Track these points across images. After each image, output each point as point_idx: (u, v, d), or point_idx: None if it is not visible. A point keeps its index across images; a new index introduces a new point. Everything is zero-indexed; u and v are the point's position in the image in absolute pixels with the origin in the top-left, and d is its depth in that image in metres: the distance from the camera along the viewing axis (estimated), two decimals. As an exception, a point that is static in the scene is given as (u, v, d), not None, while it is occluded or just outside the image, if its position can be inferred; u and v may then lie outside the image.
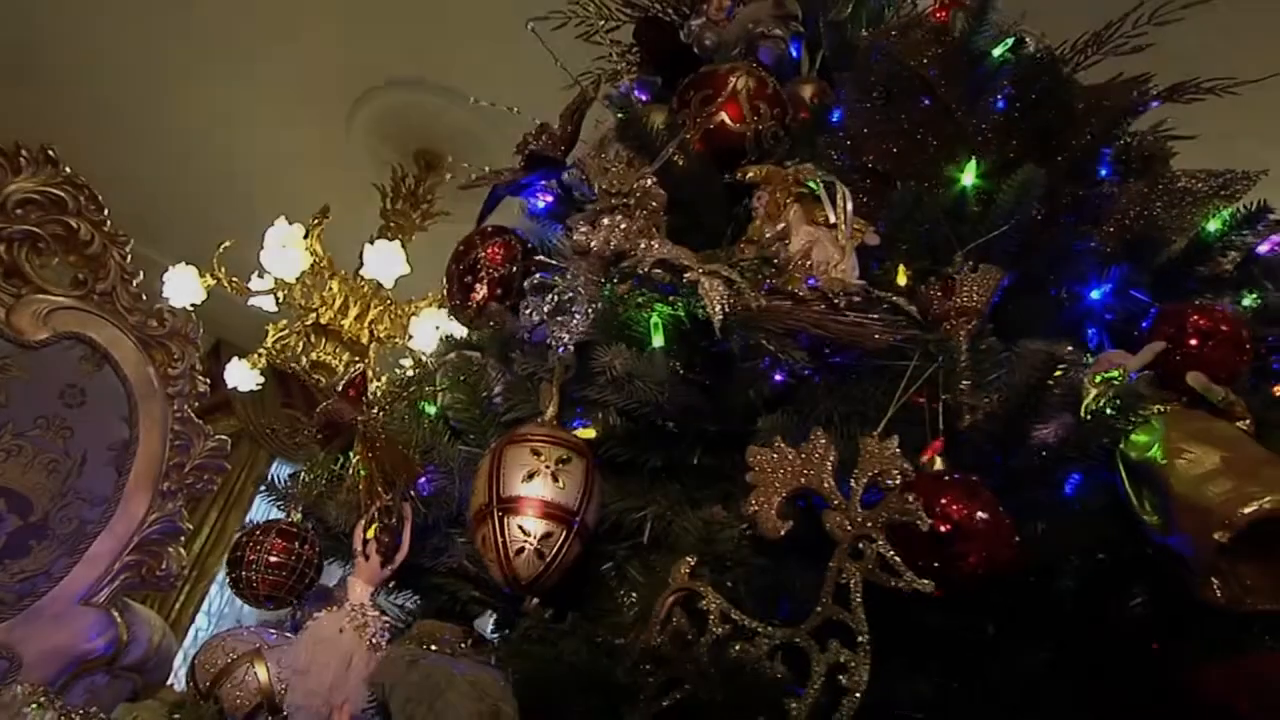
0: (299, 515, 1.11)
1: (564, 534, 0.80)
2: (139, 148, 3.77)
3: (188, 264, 3.16)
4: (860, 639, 0.59)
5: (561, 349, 0.85)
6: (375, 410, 1.08)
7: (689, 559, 0.72)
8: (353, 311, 3.29)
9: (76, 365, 1.61)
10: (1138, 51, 1.29)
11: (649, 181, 0.88)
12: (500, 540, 0.80)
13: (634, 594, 0.83)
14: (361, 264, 3.16)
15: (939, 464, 0.71)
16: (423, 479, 1.04)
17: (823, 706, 0.58)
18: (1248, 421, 0.78)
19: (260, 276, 3.17)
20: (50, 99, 3.52)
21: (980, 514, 0.62)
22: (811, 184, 0.93)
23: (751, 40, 1.33)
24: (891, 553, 0.61)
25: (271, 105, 3.52)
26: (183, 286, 3.08)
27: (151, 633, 1.61)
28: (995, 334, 0.90)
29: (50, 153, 1.62)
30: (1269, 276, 1.10)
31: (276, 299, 3.20)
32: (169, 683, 1.73)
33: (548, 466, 0.81)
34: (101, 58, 3.36)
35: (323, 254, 3.22)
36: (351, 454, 1.06)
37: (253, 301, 3.24)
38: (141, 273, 1.77)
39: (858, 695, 0.57)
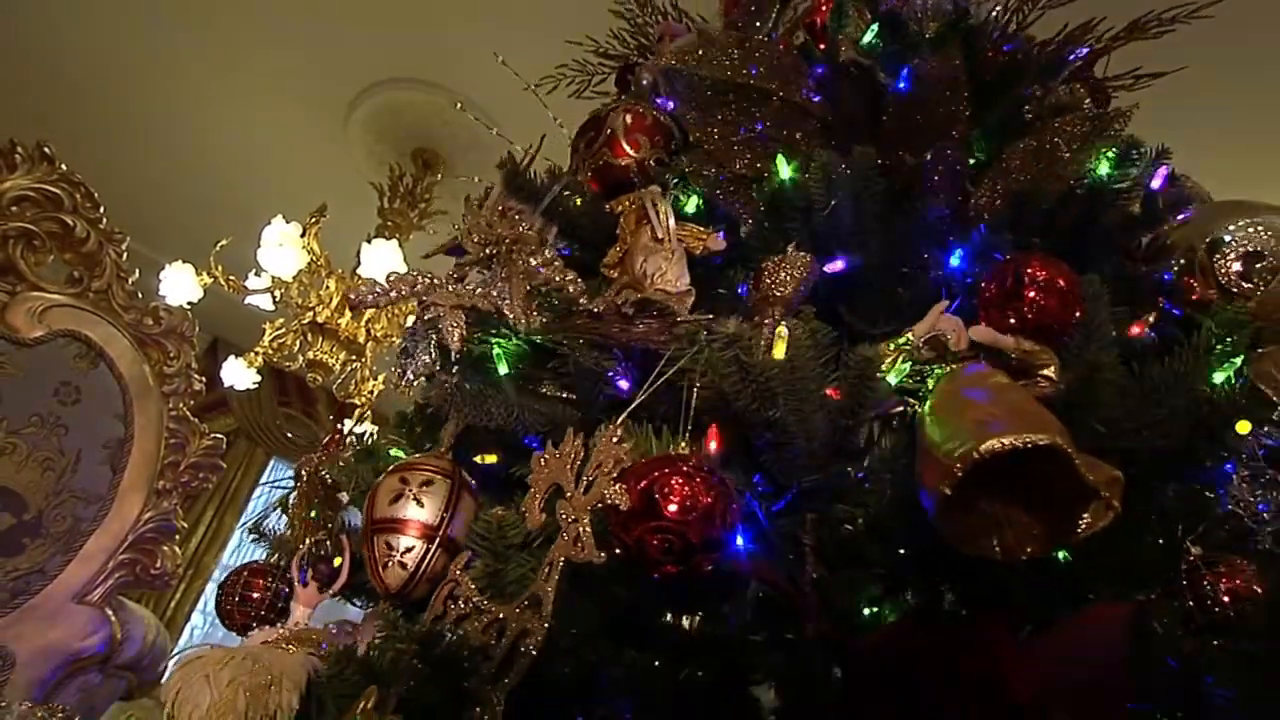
0: (275, 555, 1.25)
1: (426, 547, 0.92)
2: (135, 145, 3.76)
3: (184, 262, 3.15)
4: (546, 609, 0.67)
5: (410, 381, 0.97)
6: (320, 456, 1.21)
7: (464, 554, 0.82)
8: (349, 310, 3.29)
9: (71, 363, 1.61)
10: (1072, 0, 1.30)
11: (522, 228, 0.98)
12: (373, 556, 0.94)
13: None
14: (359, 263, 3.15)
15: (683, 448, 0.74)
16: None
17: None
18: (1051, 369, 0.77)
19: (257, 275, 3.16)
20: (46, 97, 3.51)
21: (701, 495, 0.65)
22: (648, 204, 1.01)
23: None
24: (587, 532, 0.67)
25: (269, 103, 3.52)
26: (179, 284, 3.08)
27: (146, 631, 1.60)
28: (854, 316, 0.95)
29: (46, 150, 1.62)
30: (1173, 211, 1.10)
31: (273, 297, 3.19)
32: (163, 682, 1.73)
33: (410, 490, 0.94)
34: (97, 55, 3.35)
35: (320, 253, 3.21)
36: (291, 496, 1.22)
37: (249, 300, 3.23)
38: (138, 270, 1.76)
39: (531, 654, 0.66)
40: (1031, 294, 0.82)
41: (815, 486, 0.78)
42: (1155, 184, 1.10)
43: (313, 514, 1.15)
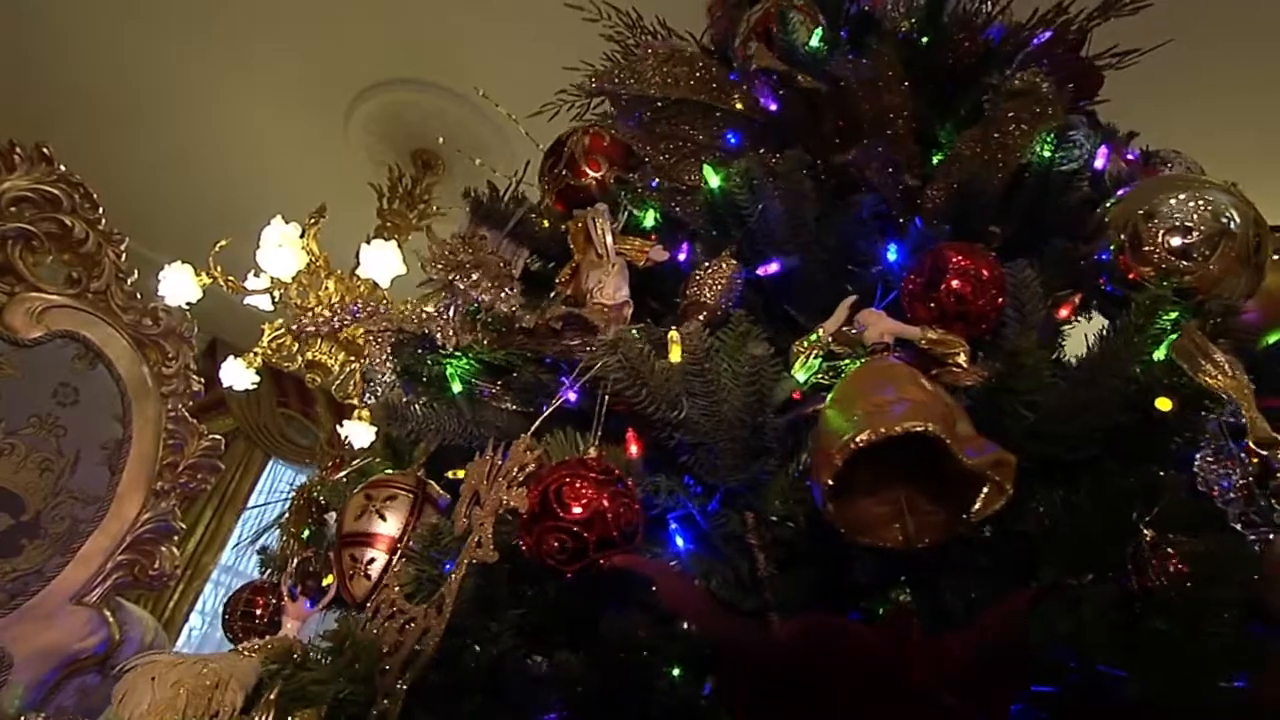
0: (275, 575, 1.31)
1: (388, 559, 0.96)
2: (134, 145, 3.76)
3: (183, 262, 3.15)
4: (446, 608, 0.69)
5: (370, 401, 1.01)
6: (315, 481, 1.29)
7: (400, 564, 0.86)
8: (349, 311, 3.28)
9: (70, 364, 1.60)
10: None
11: (484, 253, 1.05)
12: (341, 569, 0.98)
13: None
14: (358, 263, 3.15)
15: (591, 453, 0.77)
16: None
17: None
18: (961, 356, 0.77)
19: (256, 275, 3.16)
20: (45, 97, 3.51)
21: (595, 496, 0.68)
22: (588, 222, 1.05)
23: None
24: (487, 535, 0.71)
25: (269, 104, 3.52)
26: (178, 285, 3.07)
27: (144, 633, 1.60)
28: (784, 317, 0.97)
29: (45, 150, 1.62)
30: (1117, 188, 1.07)
31: (272, 298, 3.19)
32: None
33: (374, 506, 0.99)
34: (97, 56, 3.35)
35: (319, 253, 3.21)
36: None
37: (248, 300, 3.22)
38: (136, 271, 1.76)
39: (428, 650, 0.69)
40: (954, 283, 0.83)
41: (748, 485, 0.78)
42: (1099, 164, 1.09)
43: (305, 534, 1.21)
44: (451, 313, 1.02)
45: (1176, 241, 0.86)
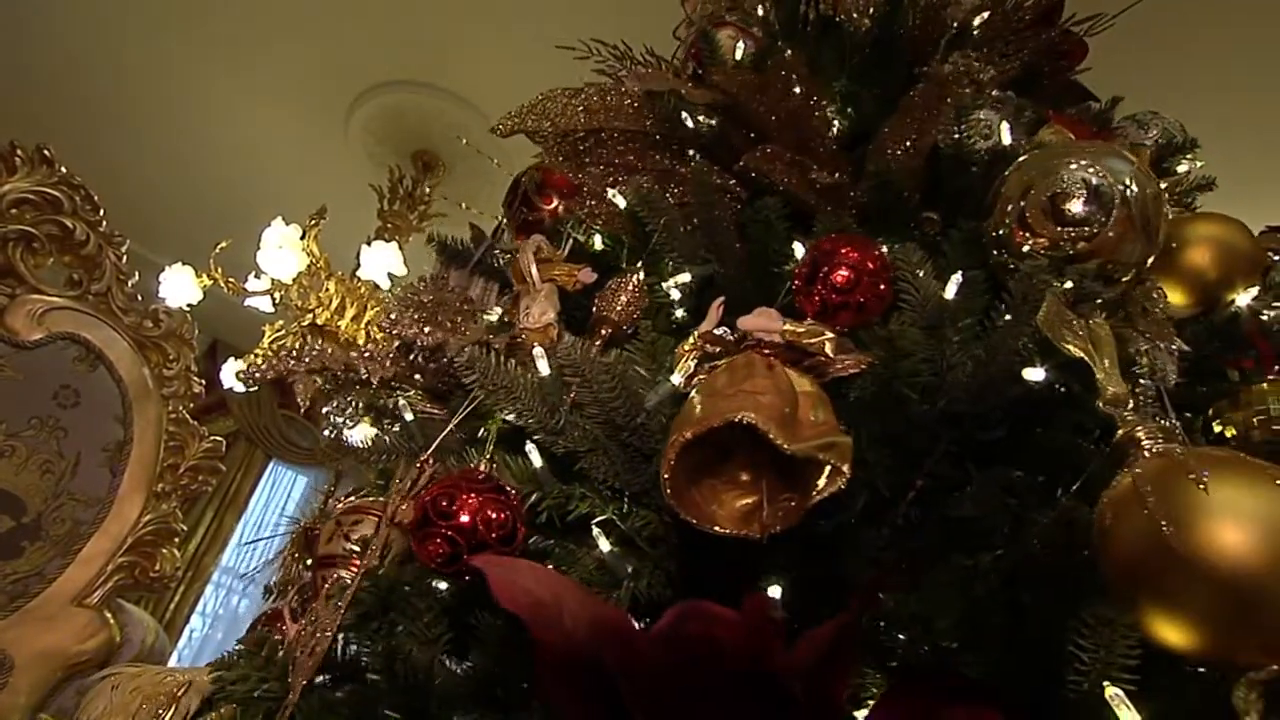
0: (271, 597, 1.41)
1: (357, 577, 1.01)
2: (135, 147, 3.77)
3: (184, 264, 3.15)
4: (338, 614, 0.75)
5: (343, 433, 1.14)
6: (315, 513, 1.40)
7: (338, 575, 0.94)
8: (349, 312, 3.28)
9: (71, 366, 1.61)
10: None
11: (445, 292, 1.13)
12: (315, 588, 1.07)
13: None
14: (359, 264, 3.16)
15: (483, 466, 0.82)
16: None
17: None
18: (828, 346, 0.76)
19: (257, 277, 3.16)
20: (47, 98, 3.52)
21: (468, 505, 0.74)
22: (518, 253, 1.10)
23: None
24: (377, 545, 0.79)
25: (269, 105, 3.52)
26: (179, 287, 3.08)
27: (144, 634, 1.60)
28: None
29: (46, 152, 1.62)
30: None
31: (273, 299, 3.19)
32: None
33: (343, 530, 1.10)
34: (98, 57, 3.36)
35: (319, 254, 3.21)
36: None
37: (249, 302, 3.23)
38: (137, 273, 1.76)
39: (321, 648, 0.74)
40: (832, 275, 0.83)
41: (651, 486, 0.80)
42: (1006, 140, 1.06)
43: (308, 563, 1.27)
44: (375, 349, 1.11)
45: (1067, 209, 0.83)
